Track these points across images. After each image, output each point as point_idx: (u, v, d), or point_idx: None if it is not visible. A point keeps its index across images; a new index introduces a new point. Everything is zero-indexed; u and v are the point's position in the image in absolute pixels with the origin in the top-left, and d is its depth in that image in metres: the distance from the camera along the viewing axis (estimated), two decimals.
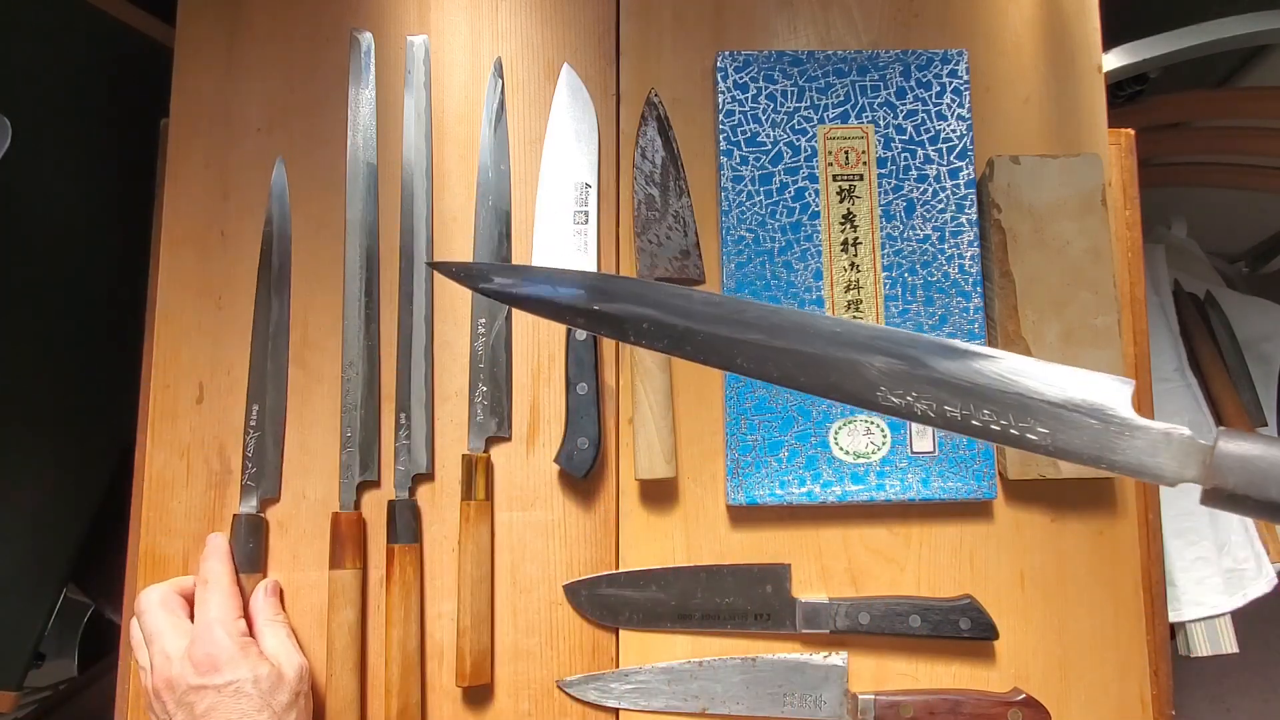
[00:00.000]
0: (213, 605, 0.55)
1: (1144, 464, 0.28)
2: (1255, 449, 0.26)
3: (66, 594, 0.83)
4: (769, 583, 0.61)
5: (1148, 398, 0.66)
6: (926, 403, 0.30)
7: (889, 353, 0.31)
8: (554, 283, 0.35)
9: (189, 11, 0.69)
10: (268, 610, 0.59)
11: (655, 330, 0.34)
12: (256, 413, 0.63)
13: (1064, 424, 0.29)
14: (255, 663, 0.53)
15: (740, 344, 0.33)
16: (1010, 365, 0.30)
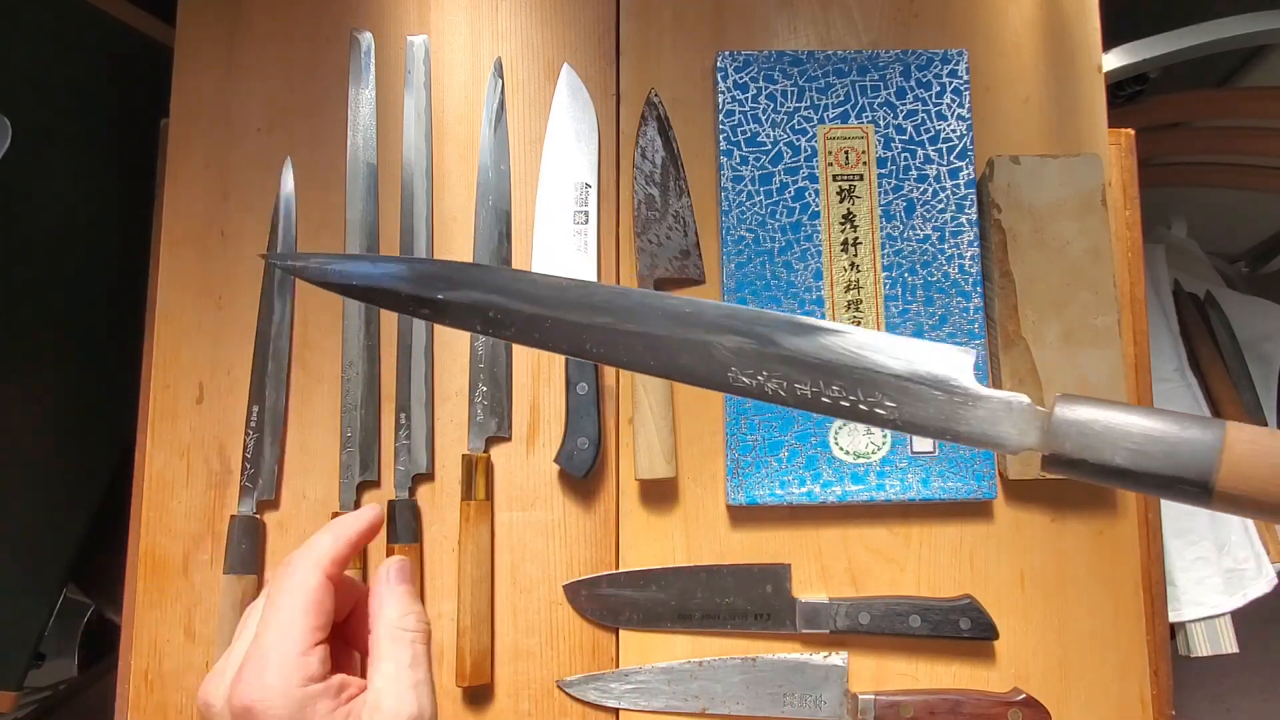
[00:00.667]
0: (279, 619, 0.35)
1: (987, 433, 0.28)
2: (1091, 413, 0.26)
3: (66, 594, 0.83)
4: (769, 583, 0.61)
5: (1148, 397, 0.66)
6: (777, 381, 0.30)
7: (738, 331, 0.31)
8: (390, 273, 0.33)
9: (189, 11, 0.69)
10: (389, 612, 0.37)
11: (502, 318, 0.32)
12: (256, 414, 0.63)
13: (909, 397, 0.29)
14: (319, 717, 0.33)
15: (589, 328, 0.32)
16: (856, 340, 0.30)
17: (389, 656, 0.35)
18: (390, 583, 0.37)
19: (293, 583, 0.35)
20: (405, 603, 0.37)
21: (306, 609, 0.34)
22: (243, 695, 0.33)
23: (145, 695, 0.61)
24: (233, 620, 0.59)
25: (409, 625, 0.36)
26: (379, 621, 0.36)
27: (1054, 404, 0.27)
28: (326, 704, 0.33)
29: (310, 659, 0.34)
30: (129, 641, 0.62)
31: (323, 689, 0.34)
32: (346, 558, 0.36)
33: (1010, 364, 0.61)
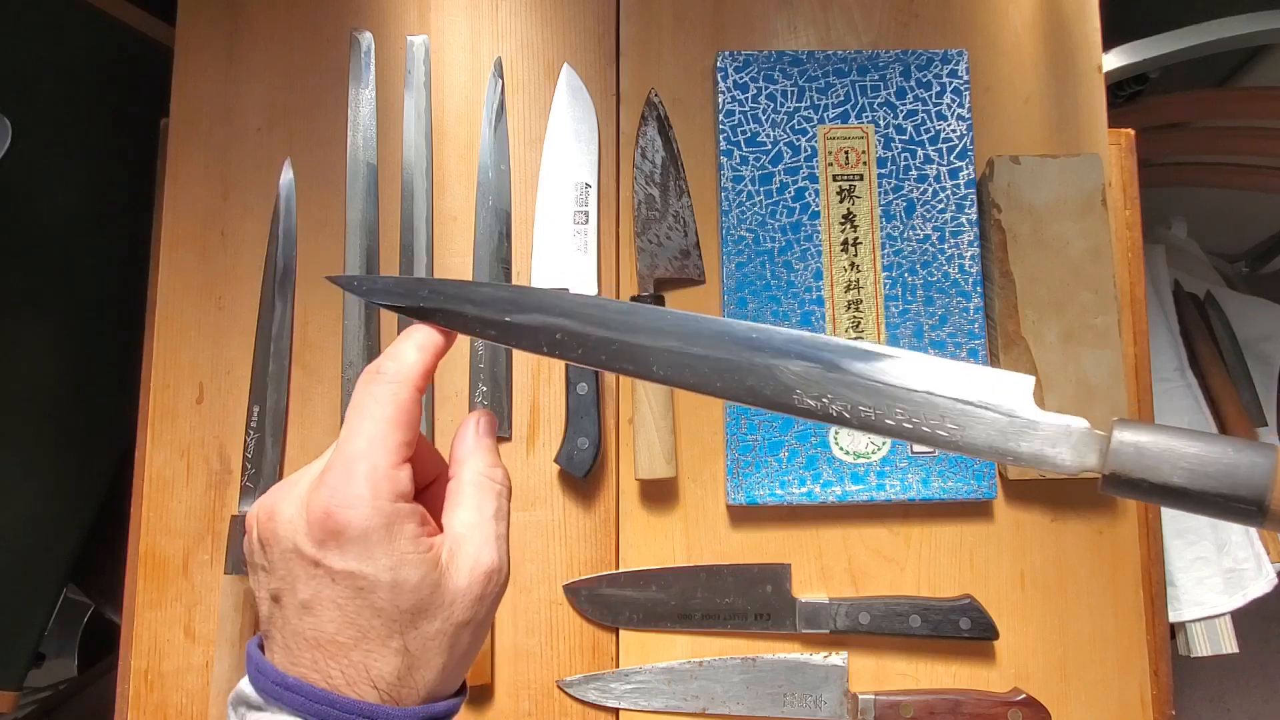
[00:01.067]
0: (367, 428, 0.31)
1: (1046, 454, 0.29)
2: (1149, 436, 0.27)
3: (66, 594, 0.83)
4: (769, 583, 0.61)
5: (1148, 398, 0.66)
6: (841, 404, 0.31)
7: (804, 356, 0.32)
8: (462, 297, 0.34)
9: (189, 11, 0.69)
10: (476, 461, 0.35)
11: (570, 340, 0.33)
12: (257, 414, 0.63)
13: (971, 420, 0.30)
14: (404, 552, 0.30)
15: (657, 351, 0.33)
16: (917, 365, 0.31)
17: (472, 504, 0.33)
18: (480, 434, 0.35)
19: (381, 391, 0.32)
20: (492, 455, 0.35)
21: (397, 420, 0.32)
22: (325, 500, 0.30)
23: (145, 695, 0.61)
24: (233, 620, 0.59)
25: (496, 477, 0.34)
26: (464, 468, 0.34)
27: (1112, 427, 0.28)
28: (412, 527, 0.31)
29: (400, 474, 0.31)
30: (129, 641, 0.62)
31: (410, 510, 0.31)
32: (430, 373, 0.34)
33: (1010, 364, 0.61)
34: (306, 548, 0.30)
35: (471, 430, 0.35)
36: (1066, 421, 0.30)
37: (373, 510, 0.30)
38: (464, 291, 0.34)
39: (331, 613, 0.30)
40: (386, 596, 0.30)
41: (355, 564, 0.30)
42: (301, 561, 0.30)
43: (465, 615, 0.31)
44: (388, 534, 0.30)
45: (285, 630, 0.30)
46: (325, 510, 0.30)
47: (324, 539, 0.30)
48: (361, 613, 0.30)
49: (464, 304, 0.34)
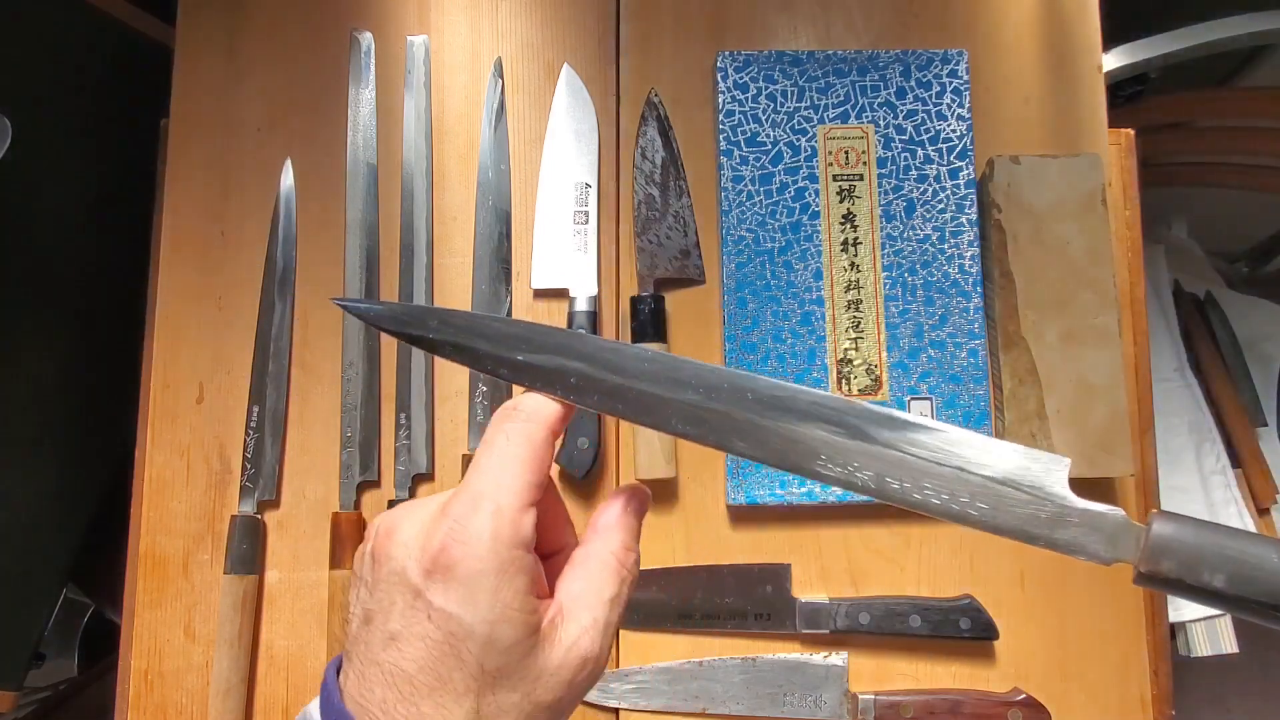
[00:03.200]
0: (496, 465, 0.30)
1: (1080, 543, 0.28)
2: (1187, 532, 0.26)
3: (66, 594, 0.83)
4: (769, 583, 0.61)
5: (1148, 398, 0.66)
6: (867, 474, 0.29)
7: (828, 420, 0.30)
8: (474, 331, 0.33)
9: (189, 11, 0.69)
10: (615, 534, 0.33)
11: (585, 385, 0.31)
12: (256, 414, 0.63)
13: (1004, 502, 0.29)
14: (508, 606, 0.28)
15: (675, 404, 0.31)
16: (950, 438, 0.29)
17: (592, 581, 0.31)
18: (626, 510, 0.33)
19: (515, 428, 0.30)
20: (631, 537, 0.32)
21: (529, 461, 0.30)
22: (444, 531, 0.28)
23: (145, 695, 0.61)
24: (233, 620, 0.59)
25: (627, 562, 0.32)
26: (597, 540, 0.32)
27: (1151, 521, 0.27)
28: (524, 581, 0.28)
29: (525, 520, 0.29)
30: (129, 641, 0.62)
31: (527, 561, 0.28)
32: (566, 418, 0.32)
33: (1010, 364, 0.61)
34: (413, 575, 0.28)
35: (620, 505, 0.33)
36: (1103, 511, 0.28)
37: (488, 552, 0.28)
38: (476, 325, 0.33)
39: (417, 649, 0.28)
40: (476, 650, 0.27)
41: (456, 606, 0.27)
42: (404, 588, 0.28)
43: (549, 696, 0.28)
44: (497, 582, 0.28)
45: (365, 658, 0.29)
46: (442, 543, 0.28)
47: (433, 570, 0.28)
48: (445, 659, 0.27)
49: (476, 339, 0.32)
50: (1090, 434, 0.60)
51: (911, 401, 0.62)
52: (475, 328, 0.33)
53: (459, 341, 0.33)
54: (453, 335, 0.33)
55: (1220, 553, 0.25)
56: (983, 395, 0.62)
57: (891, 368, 0.62)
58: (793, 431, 0.30)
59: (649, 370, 0.31)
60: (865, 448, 0.29)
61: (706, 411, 0.31)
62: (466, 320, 0.33)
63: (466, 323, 0.33)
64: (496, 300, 0.65)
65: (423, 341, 0.33)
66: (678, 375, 0.31)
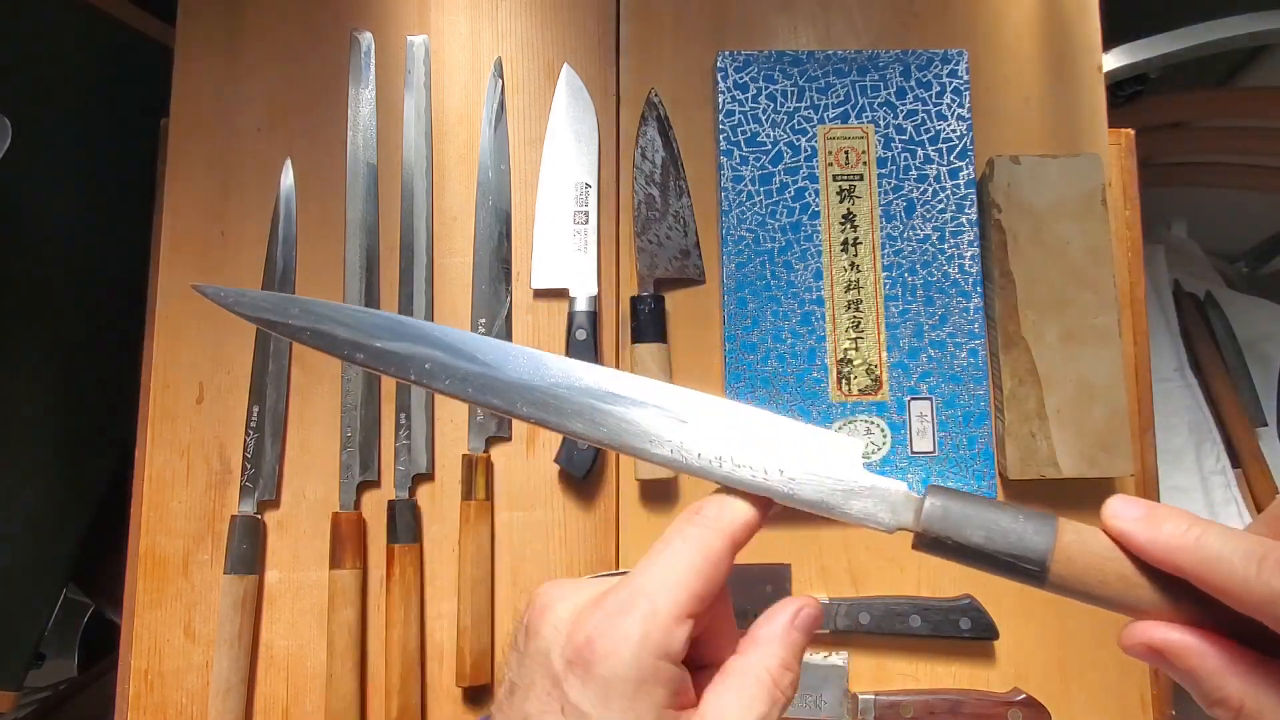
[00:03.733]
0: (663, 566, 0.29)
1: (868, 514, 0.31)
2: (956, 502, 0.30)
3: (66, 594, 0.83)
4: (769, 583, 0.61)
5: (1148, 397, 0.66)
6: (687, 453, 0.32)
7: (655, 404, 0.33)
8: (334, 318, 0.33)
9: (189, 11, 0.69)
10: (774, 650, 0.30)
11: (438, 370, 0.33)
12: (256, 414, 0.63)
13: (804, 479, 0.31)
14: (643, 714, 0.27)
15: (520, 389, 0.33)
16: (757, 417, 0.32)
17: (742, 697, 0.28)
18: (795, 625, 0.31)
19: (694, 533, 0.29)
20: (793, 654, 0.30)
21: (699, 570, 0.28)
22: (594, 624, 0.27)
23: (145, 695, 0.61)
24: (233, 620, 0.59)
25: (783, 682, 0.29)
26: (755, 652, 0.30)
27: (925, 492, 0.30)
28: (663, 694, 0.27)
29: (678, 631, 0.27)
30: (129, 641, 0.62)
31: (672, 674, 0.27)
32: (753, 529, 0.31)
33: (1010, 364, 0.61)
34: (556, 661, 0.27)
35: (786, 618, 0.31)
36: (886, 485, 0.31)
37: (632, 657, 0.27)
38: (337, 314, 0.33)
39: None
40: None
41: (589, 705, 0.26)
42: (546, 671, 0.28)
43: None
44: (635, 690, 0.27)
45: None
46: (588, 635, 0.27)
47: (575, 662, 0.27)
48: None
49: (336, 325, 0.33)
50: (1090, 434, 0.60)
51: (911, 401, 0.62)
52: (336, 315, 0.33)
53: (318, 328, 0.33)
54: (312, 321, 0.33)
55: (979, 516, 0.30)
56: (983, 395, 0.62)
57: (891, 368, 0.62)
58: (625, 414, 0.32)
59: (503, 359, 0.33)
60: (690, 430, 0.32)
61: (548, 396, 0.33)
62: (328, 309, 0.33)
63: (328, 311, 0.33)
64: (496, 300, 0.65)
65: (281, 327, 0.34)
66: (534, 366, 0.33)
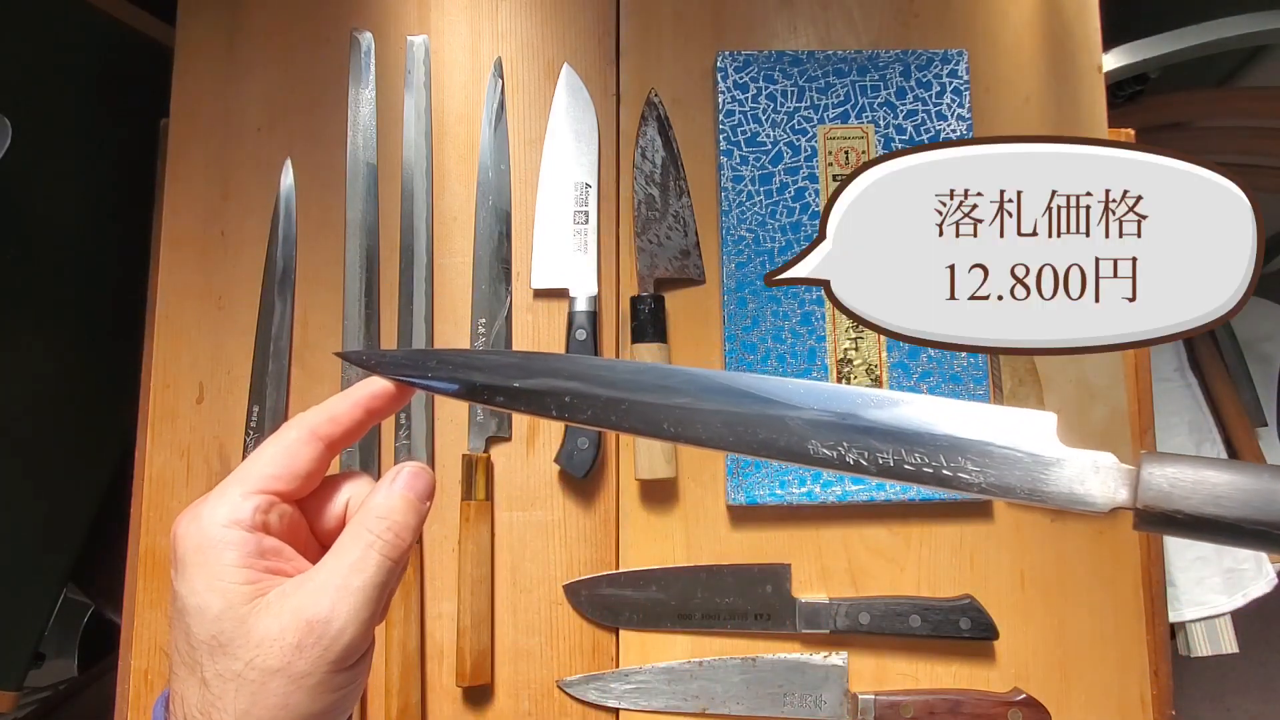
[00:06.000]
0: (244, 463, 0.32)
1: (1075, 493, 0.29)
2: (1179, 468, 0.26)
3: (66, 594, 0.83)
4: (769, 583, 0.61)
5: (1148, 397, 0.66)
6: (858, 451, 0.31)
7: (816, 405, 0.31)
8: (470, 365, 0.34)
9: (189, 11, 0.69)
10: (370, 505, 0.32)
11: (579, 403, 0.33)
12: (256, 414, 0.63)
13: (994, 460, 0.30)
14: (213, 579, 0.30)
15: (666, 409, 0.32)
16: (934, 408, 0.31)
17: (337, 550, 0.31)
18: (393, 482, 0.33)
19: (281, 431, 0.33)
20: (390, 504, 0.32)
21: (271, 456, 0.32)
22: (179, 524, 0.31)
23: (145, 695, 0.61)
24: None
25: (376, 528, 0.31)
26: (356, 516, 0.32)
27: (1141, 460, 0.27)
28: (231, 554, 0.30)
29: (245, 504, 0.31)
30: (129, 641, 0.62)
31: (239, 539, 0.30)
32: (348, 420, 0.33)
33: (1010, 364, 0.61)
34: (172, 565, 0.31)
35: (389, 477, 0.33)
36: (1093, 457, 0.29)
37: (197, 533, 0.30)
38: (471, 360, 0.34)
39: (172, 632, 0.31)
40: (190, 622, 0.29)
41: (176, 583, 0.30)
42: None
43: (276, 662, 0.29)
44: (203, 558, 0.30)
45: None
46: (175, 532, 0.31)
47: (172, 556, 0.31)
48: (178, 636, 0.30)
49: (472, 372, 0.34)
50: (1090, 434, 0.60)
51: None
52: (471, 362, 0.34)
53: (457, 377, 0.34)
54: (451, 372, 0.34)
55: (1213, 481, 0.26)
56: (983, 395, 0.62)
57: (891, 368, 0.62)
58: (780, 419, 0.31)
59: (639, 381, 0.33)
60: (854, 424, 0.31)
61: (697, 413, 0.32)
62: (462, 358, 0.34)
63: (462, 360, 0.34)
64: (496, 300, 0.65)
65: (420, 382, 0.34)
66: (667, 382, 0.33)
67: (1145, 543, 0.64)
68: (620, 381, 0.33)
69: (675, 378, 0.33)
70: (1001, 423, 0.30)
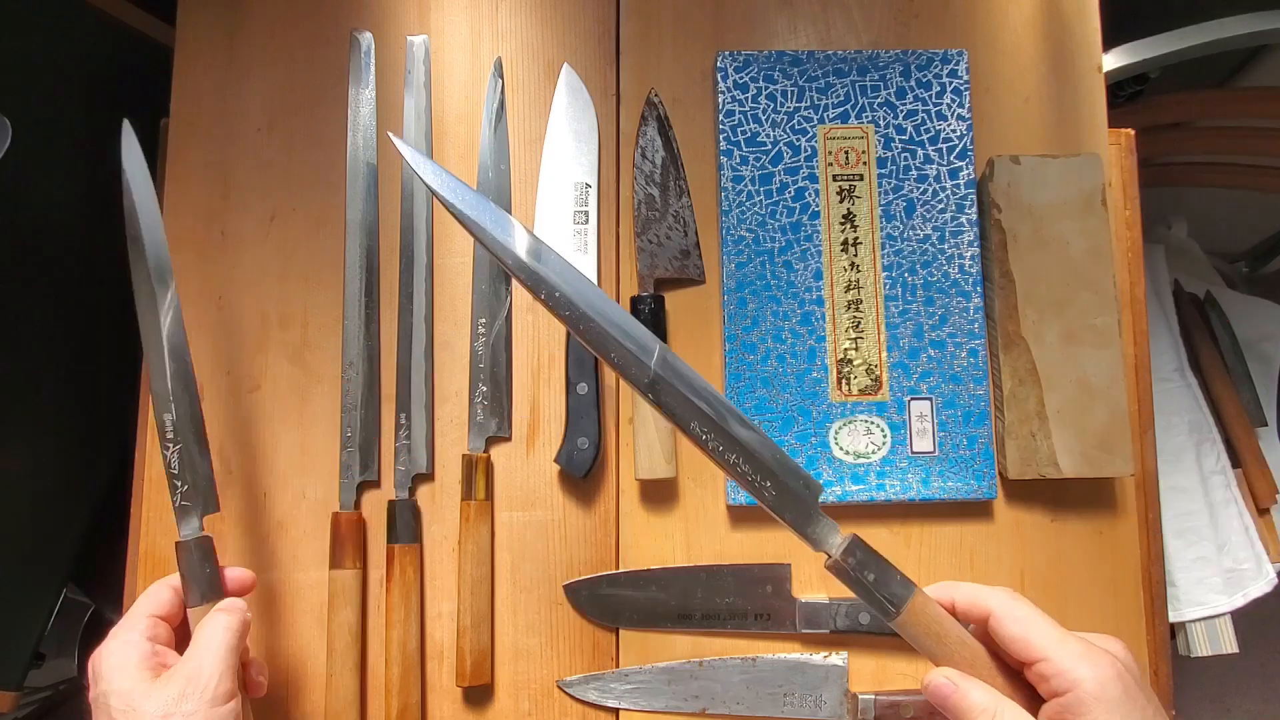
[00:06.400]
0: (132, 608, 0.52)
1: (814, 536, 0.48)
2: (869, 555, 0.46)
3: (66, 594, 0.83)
4: (769, 583, 0.61)
5: (1148, 398, 0.66)
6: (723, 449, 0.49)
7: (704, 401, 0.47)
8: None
9: (189, 11, 0.69)
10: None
11: None
12: (171, 424, 0.53)
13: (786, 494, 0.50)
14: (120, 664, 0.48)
15: None
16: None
17: (196, 634, 0.50)
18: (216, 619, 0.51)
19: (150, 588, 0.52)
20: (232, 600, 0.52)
21: (146, 595, 0.52)
22: (95, 662, 0.49)
23: None
24: None
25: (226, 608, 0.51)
26: None
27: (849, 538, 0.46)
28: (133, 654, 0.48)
29: (132, 628, 0.49)
30: None
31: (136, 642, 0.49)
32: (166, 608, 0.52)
33: (1010, 364, 0.61)
34: None
35: None
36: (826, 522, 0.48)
37: (106, 654, 0.49)
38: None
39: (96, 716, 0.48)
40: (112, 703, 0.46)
41: (97, 688, 0.48)
42: None
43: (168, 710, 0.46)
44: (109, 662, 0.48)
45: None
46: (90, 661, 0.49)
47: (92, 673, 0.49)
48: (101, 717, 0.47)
49: None
50: (1090, 434, 0.60)
51: (911, 401, 0.62)
52: None
53: None
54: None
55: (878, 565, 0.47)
56: (983, 395, 0.62)
57: (891, 368, 0.62)
58: None
59: None
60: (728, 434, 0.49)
61: None
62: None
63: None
64: (496, 300, 0.65)
65: None
66: None
67: (1145, 543, 0.64)
68: None
69: None
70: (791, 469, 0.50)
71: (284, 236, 0.66)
